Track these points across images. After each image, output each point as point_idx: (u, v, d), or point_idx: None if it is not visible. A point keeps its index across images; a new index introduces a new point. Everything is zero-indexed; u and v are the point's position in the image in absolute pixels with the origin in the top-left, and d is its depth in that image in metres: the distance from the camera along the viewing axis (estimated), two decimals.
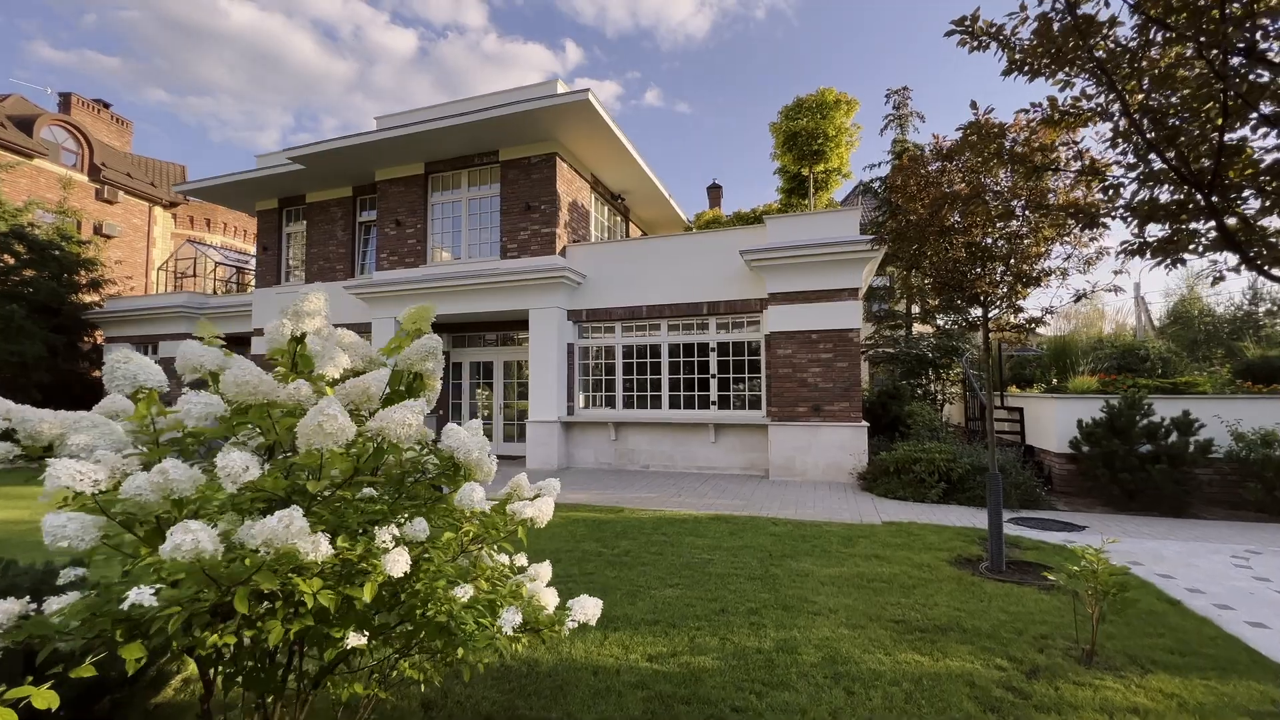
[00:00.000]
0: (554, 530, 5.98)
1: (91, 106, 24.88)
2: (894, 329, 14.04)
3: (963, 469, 7.34)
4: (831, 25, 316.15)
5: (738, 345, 10.03)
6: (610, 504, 7.32)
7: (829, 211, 9.36)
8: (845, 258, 8.78)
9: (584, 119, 9.96)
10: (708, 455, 9.89)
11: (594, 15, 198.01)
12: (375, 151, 11.23)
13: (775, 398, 9.22)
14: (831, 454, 8.79)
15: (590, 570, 4.71)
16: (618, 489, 8.42)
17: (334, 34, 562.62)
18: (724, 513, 6.78)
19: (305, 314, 1.91)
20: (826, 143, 13.29)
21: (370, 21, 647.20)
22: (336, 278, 13.00)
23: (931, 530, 5.90)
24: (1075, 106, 2.57)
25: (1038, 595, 4.13)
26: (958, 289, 5.02)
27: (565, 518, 6.51)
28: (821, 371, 8.99)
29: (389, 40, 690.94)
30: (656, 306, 10.34)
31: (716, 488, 8.44)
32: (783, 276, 9.20)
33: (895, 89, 14.00)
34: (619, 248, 10.99)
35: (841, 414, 8.83)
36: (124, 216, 22.29)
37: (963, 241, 4.45)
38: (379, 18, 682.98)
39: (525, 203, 10.86)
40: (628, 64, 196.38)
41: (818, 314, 9.04)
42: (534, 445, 10.48)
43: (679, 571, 4.67)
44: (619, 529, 6.03)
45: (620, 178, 12.77)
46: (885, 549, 5.25)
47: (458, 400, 12.91)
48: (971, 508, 7.04)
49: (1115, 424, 7.04)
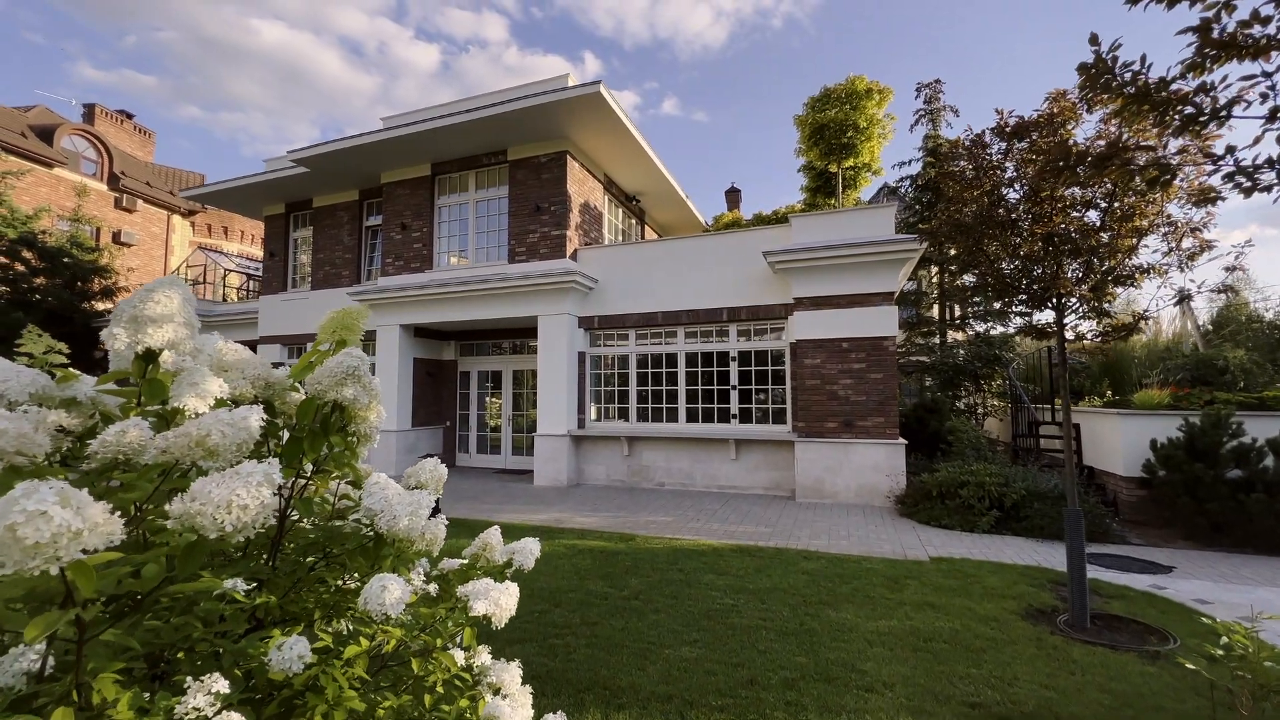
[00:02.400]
0: (557, 564, 5.33)
1: (114, 117, 25.18)
2: (926, 336, 13.18)
3: (1017, 494, 6.51)
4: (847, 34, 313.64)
5: (760, 354, 9.32)
6: (621, 530, 6.65)
7: (861, 209, 8.63)
8: (881, 258, 8.03)
9: (595, 113, 9.39)
10: (728, 473, 9.17)
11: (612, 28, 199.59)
12: (380, 152, 10.81)
13: (802, 411, 8.47)
14: (865, 474, 8.01)
15: (594, 619, 4.04)
16: (630, 511, 7.75)
17: (359, 50, 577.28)
18: (748, 543, 6.06)
19: (148, 321, 1.28)
20: (856, 135, 12.45)
21: (395, 37, 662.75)
22: (342, 284, 12.60)
23: (990, 570, 5.11)
24: (1244, 33, 1.86)
25: (1142, 667, 3.34)
26: (1025, 290, 4.28)
27: (571, 547, 5.86)
28: (853, 383, 8.23)
29: (412, 55, 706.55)
30: (672, 313, 9.68)
31: (738, 511, 7.71)
32: (810, 279, 8.48)
33: (926, 82, 13.22)
34: (633, 250, 10.37)
35: (876, 430, 8.05)
36: (143, 224, 22.41)
37: (1040, 232, 3.71)
38: (403, 33, 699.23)
39: (535, 204, 10.31)
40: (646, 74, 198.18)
41: (849, 320, 8.29)
42: (542, 461, 9.86)
43: (697, 622, 3.97)
44: (629, 562, 5.35)
45: (635, 178, 12.18)
46: (939, 594, 4.49)
47: (465, 411, 12.39)
48: (1030, 540, 6.21)
49: (1196, 445, 6.16)
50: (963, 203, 4.36)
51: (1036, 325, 4.53)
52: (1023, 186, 4.15)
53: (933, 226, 4.87)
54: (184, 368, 1.41)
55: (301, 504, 1.63)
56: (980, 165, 4.32)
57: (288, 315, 13.08)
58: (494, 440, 12.17)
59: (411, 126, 10.03)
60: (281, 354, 13.17)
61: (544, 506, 8.08)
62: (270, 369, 1.64)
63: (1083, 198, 3.98)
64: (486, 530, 1.98)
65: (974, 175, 4.38)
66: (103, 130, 23.92)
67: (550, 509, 7.90)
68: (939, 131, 13.14)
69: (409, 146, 10.55)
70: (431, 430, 11.98)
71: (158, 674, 1.14)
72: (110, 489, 1.08)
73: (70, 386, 1.50)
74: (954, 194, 4.36)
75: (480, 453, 12.25)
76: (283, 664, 1.12)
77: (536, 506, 8.07)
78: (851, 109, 12.24)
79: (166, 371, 1.47)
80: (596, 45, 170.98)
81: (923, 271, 14.24)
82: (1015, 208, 3.98)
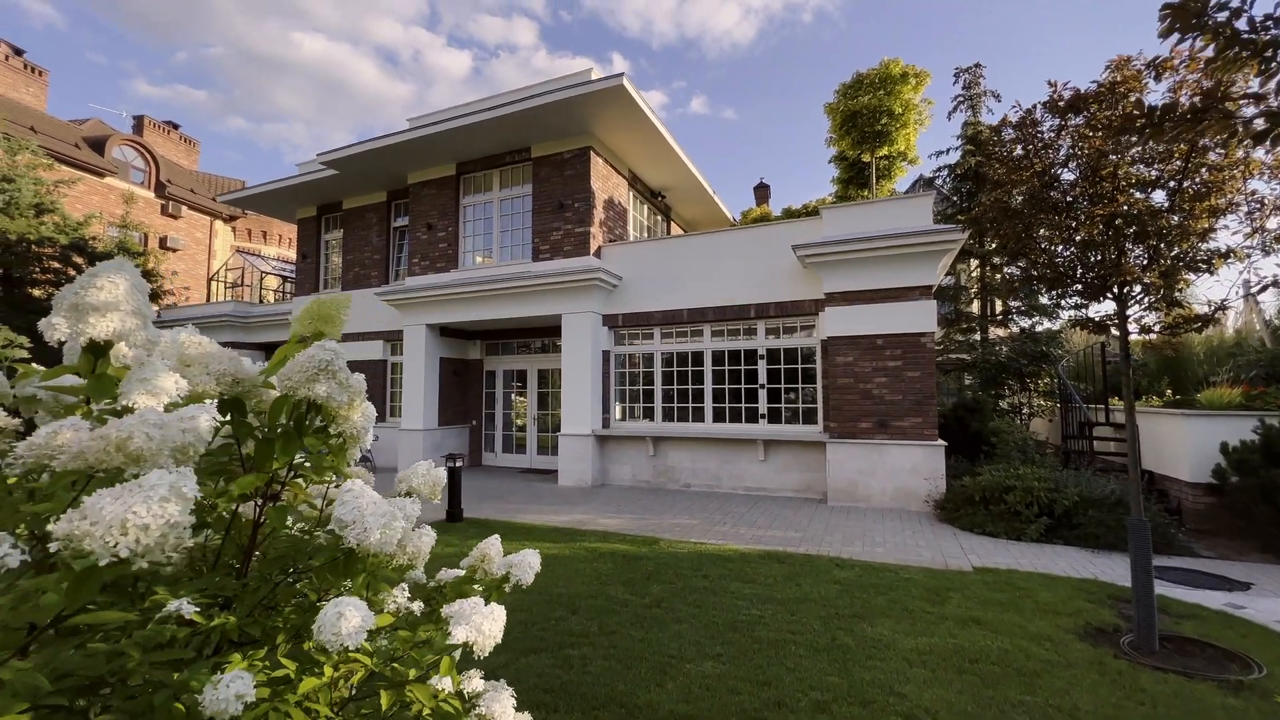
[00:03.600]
0: (578, 567, 5.17)
1: (162, 128, 26.28)
2: (966, 332, 12.58)
3: (1069, 501, 6.06)
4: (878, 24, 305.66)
5: (790, 352, 9.00)
6: (645, 533, 6.46)
7: (896, 199, 8.22)
8: (918, 250, 7.62)
9: (619, 107, 9.21)
10: (756, 475, 8.88)
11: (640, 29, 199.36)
12: (406, 152, 10.87)
13: (834, 411, 8.12)
14: (901, 477, 7.62)
15: (613, 628, 3.86)
16: (655, 513, 7.55)
17: (394, 59, 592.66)
18: (776, 548, 5.79)
19: (90, 309, 1.15)
20: (891, 122, 11.88)
21: (428, 45, 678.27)
22: (371, 284, 12.76)
23: (1041, 582, 4.73)
24: None
25: (1224, 699, 2.98)
26: (1081, 280, 3.91)
27: (592, 551, 5.69)
28: (888, 382, 7.84)
29: (445, 62, 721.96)
30: (698, 310, 9.43)
31: (767, 514, 7.43)
32: (842, 274, 8.13)
33: (966, 66, 12.59)
34: (657, 246, 10.16)
35: (913, 431, 7.65)
36: (187, 230, 23.28)
37: (1102, 214, 3.36)
38: (436, 41, 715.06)
39: (558, 201, 10.20)
40: (674, 74, 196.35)
41: (883, 315, 7.91)
42: (566, 460, 9.74)
43: (722, 634, 3.75)
44: (652, 567, 5.15)
45: (660, 173, 11.97)
46: (986, 609, 4.15)
47: (490, 410, 12.39)
48: (1084, 550, 5.77)
49: (1275, 449, 5.62)
50: (1010, 185, 4.01)
51: (1094, 319, 4.15)
52: (1079, 166, 3.79)
53: (976, 213, 4.53)
54: (144, 362, 1.28)
55: (275, 513, 1.48)
56: (1031, 144, 3.97)
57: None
58: (519, 439, 12.13)
59: (436, 126, 10.04)
60: None
61: (568, 507, 7.95)
62: (241, 364, 1.48)
63: (1147, 177, 3.61)
64: (485, 540, 1.80)
65: (1023, 155, 4.03)
66: (150, 140, 24.99)
67: (574, 510, 7.77)
68: (979, 118, 12.50)
69: (434, 146, 10.57)
70: (458, 429, 12.01)
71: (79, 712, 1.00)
72: (13, 500, 0.94)
73: (29, 383, 1.38)
74: (1001, 177, 4.01)
75: (506, 452, 12.23)
76: (217, 704, 0.95)
77: (560, 507, 7.95)
78: (886, 94, 11.67)
79: (121, 366, 1.33)
80: (624, 46, 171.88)
81: (961, 265, 13.62)
82: (1071, 188, 3.63)
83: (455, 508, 7.09)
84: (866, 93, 11.88)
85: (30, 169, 13.64)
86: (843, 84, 12.40)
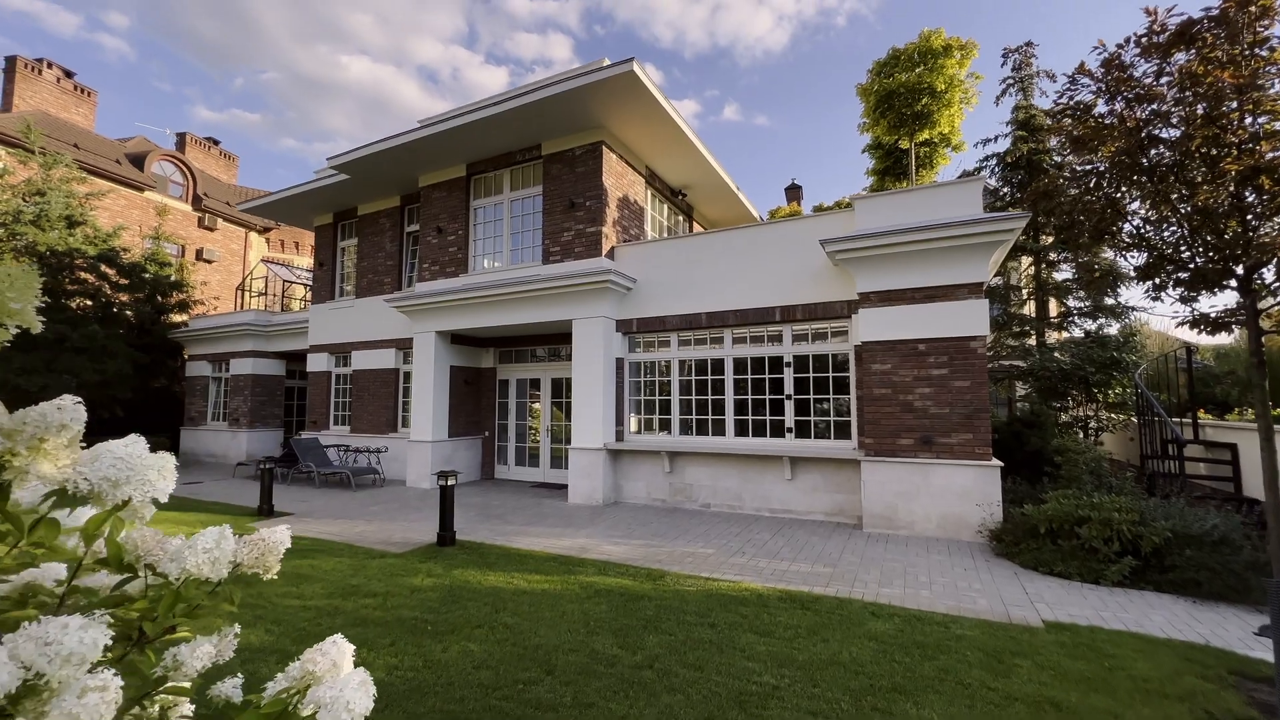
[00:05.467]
0: (567, 608, 4.47)
1: (203, 144, 27.15)
2: (1019, 337, 11.40)
3: (1159, 537, 5.02)
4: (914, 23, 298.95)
5: (819, 359, 8.13)
6: (652, 564, 5.72)
7: (939, 186, 7.30)
8: (967, 242, 6.70)
9: (631, 97, 8.59)
10: (782, 495, 8.02)
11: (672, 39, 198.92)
12: (416, 153, 10.50)
13: (869, 426, 7.22)
14: (949, 502, 6.66)
15: (590, 698, 3.14)
16: (667, 538, 6.80)
17: (435, 77, 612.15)
18: (800, 588, 4.96)
19: None
20: (933, 101, 10.74)
21: (466, 63, 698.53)
22: (384, 290, 12.47)
23: (1134, 646, 3.78)
24: None
25: None
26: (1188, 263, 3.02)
27: (586, 588, 4.99)
28: (933, 392, 6.91)
29: (483, 78, 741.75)
30: (718, 314, 8.67)
31: (792, 542, 6.58)
32: (878, 271, 7.25)
33: (1015, 46, 11.47)
34: (674, 246, 9.44)
35: (962, 449, 6.69)
36: (223, 242, 23.84)
37: (1235, 171, 2.48)
38: (474, 59, 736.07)
39: (569, 199, 9.63)
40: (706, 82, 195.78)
41: (927, 317, 6.99)
42: (577, 476, 9.08)
43: (723, 713, 2.99)
44: (652, 611, 4.41)
45: (679, 170, 11.28)
46: (1065, 686, 3.26)
47: (504, 421, 11.86)
48: (1183, 600, 4.74)
49: None
50: (1090, 144, 3.16)
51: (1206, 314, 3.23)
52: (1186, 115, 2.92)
53: (1043, 185, 3.67)
54: None
55: None
56: (1119, 94, 3.12)
57: (334, 324, 13.11)
58: (532, 452, 11.55)
59: (444, 124, 9.62)
60: (329, 362, 13.21)
61: (572, 529, 7.28)
62: None
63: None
64: (320, 645, 1.08)
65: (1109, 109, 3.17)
66: (191, 156, 25.83)
67: (578, 532, 7.09)
68: (1030, 100, 11.35)
69: (443, 145, 10.17)
70: (470, 441, 11.52)
71: None
72: None
73: None
74: (1081, 135, 3.16)
75: (519, 465, 11.66)
76: None
77: (563, 529, 7.28)
78: (927, 70, 10.57)
79: None
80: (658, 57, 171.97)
81: (1012, 263, 12.43)
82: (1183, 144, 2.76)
83: (447, 530, 6.50)
84: (904, 69, 10.79)
85: (64, 183, 13.97)
86: (877, 61, 11.30)
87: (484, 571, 5.47)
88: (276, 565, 0.99)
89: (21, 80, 20.51)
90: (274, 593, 4.87)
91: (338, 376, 13.23)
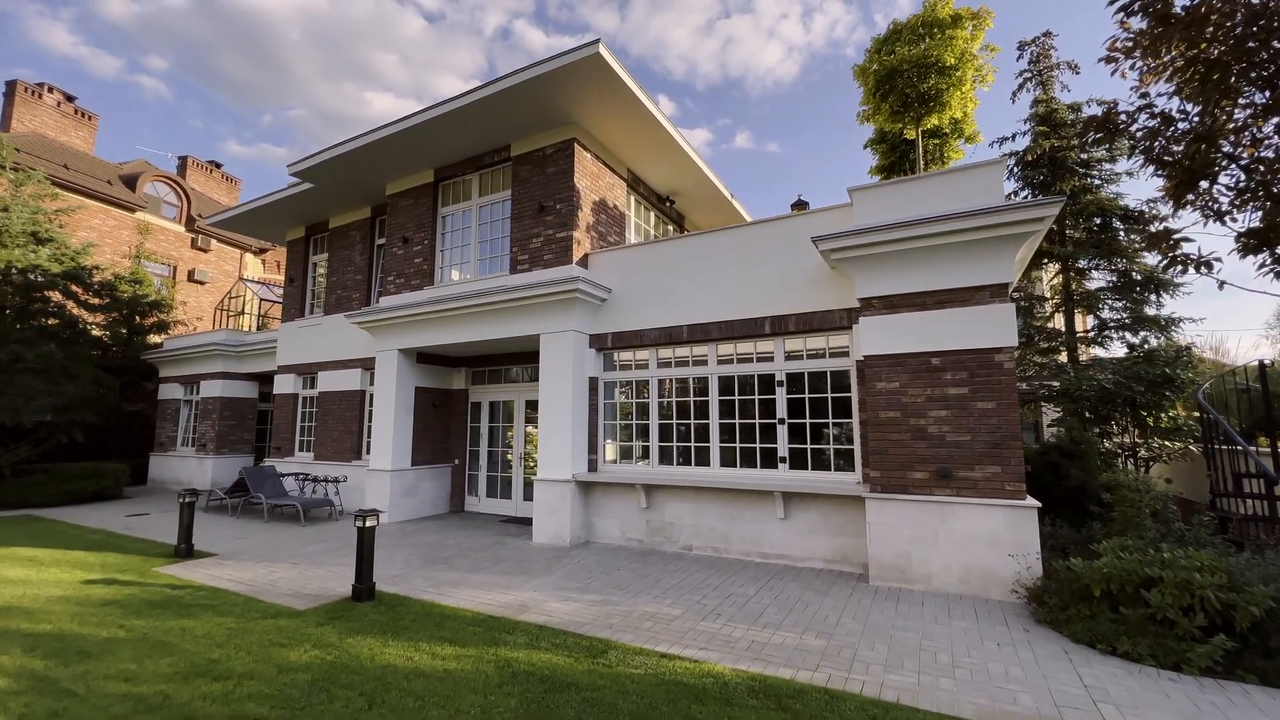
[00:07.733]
0: (463, 703, 3.34)
1: (205, 167, 27.15)
2: (1046, 353, 10.15)
3: (1258, 606, 3.77)
4: None
5: (816, 377, 7.02)
6: (600, 630, 4.57)
7: (949, 172, 6.22)
8: (988, 234, 5.60)
9: (601, 85, 7.72)
10: (774, 537, 6.83)
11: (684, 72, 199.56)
12: (380, 156, 9.72)
13: (875, 456, 6.05)
14: (974, 551, 5.43)
15: None
16: (630, 591, 5.64)
17: None
18: (781, 673, 3.78)
19: None
20: (941, 79, 9.59)
21: None
22: (352, 307, 11.64)
23: None
24: None
25: None
26: None
27: (503, 667, 3.85)
28: (950, 416, 5.74)
29: None
30: (700, 326, 7.62)
31: (780, 600, 5.38)
32: (881, 271, 6.17)
33: (1031, 38, 10.50)
34: (651, 251, 8.44)
35: (989, 485, 5.48)
36: (216, 263, 23.47)
37: None
38: None
39: (538, 203, 8.73)
40: (718, 112, 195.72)
41: (940, 326, 5.87)
42: (543, 512, 7.97)
43: None
44: (572, 713, 3.26)
45: (665, 173, 10.38)
46: None
47: (475, 447, 10.81)
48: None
49: None
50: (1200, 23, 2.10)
51: None
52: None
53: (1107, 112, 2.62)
54: None
55: None
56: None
57: (303, 343, 12.28)
58: (505, 481, 10.47)
59: (405, 122, 8.83)
60: (296, 384, 12.34)
61: (523, 578, 6.15)
62: None
63: None
64: None
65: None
66: (193, 178, 25.79)
67: (528, 583, 5.96)
68: (1051, 94, 10.31)
69: (407, 146, 9.38)
70: (436, 470, 10.48)
71: None
72: None
73: None
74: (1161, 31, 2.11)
75: (490, 496, 10.57)
76: None
77: (513, 578, 6.16)
78: (934, 43, 9.37)
79: None
80: (670, 89, 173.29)
81: (1035, 272, 11.25)
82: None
83: (363, 582, 5.40)
84: (907, 43, 9.68)
85: (35, 199, 13.50)
86: (875, 38, 10.16)
87: (386, 641, 4.36)
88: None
89: (21, 104, 20.55)
90: (106, 670, 3.82)
91: (304, 399, 12.34)
